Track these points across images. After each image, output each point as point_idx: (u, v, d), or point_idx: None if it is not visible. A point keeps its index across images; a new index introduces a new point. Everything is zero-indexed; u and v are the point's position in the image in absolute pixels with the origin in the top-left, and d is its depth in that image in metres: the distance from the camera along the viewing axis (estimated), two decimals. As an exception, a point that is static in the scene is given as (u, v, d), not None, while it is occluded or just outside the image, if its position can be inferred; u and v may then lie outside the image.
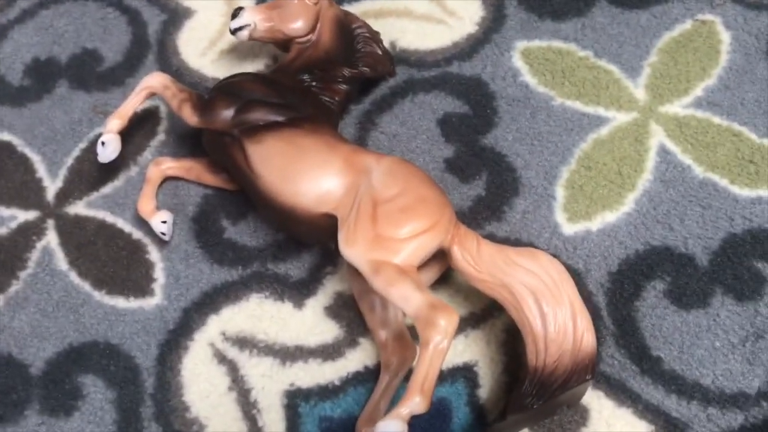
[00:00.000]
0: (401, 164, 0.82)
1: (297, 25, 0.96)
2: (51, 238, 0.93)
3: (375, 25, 1.04)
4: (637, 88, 0.97)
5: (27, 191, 0.97)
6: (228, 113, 0.87)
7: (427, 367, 0.69)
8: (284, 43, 0.98)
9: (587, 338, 0.74)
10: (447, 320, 0.70)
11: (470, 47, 1.03)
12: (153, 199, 0.93)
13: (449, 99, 0.99)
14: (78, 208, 0.95)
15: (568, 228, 0.88)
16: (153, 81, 0.93)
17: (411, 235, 0.76)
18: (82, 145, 0.99)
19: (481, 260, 0.78)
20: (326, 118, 0.91)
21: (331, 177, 0.82)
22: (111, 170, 0.96)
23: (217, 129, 0.87)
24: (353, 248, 0.77)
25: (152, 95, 0.93)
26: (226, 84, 0.91)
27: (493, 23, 1.04)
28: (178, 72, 1.04)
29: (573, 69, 0.99)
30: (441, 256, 0.81)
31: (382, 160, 0.83)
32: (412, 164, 0.83)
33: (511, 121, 0.96)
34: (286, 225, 0.87)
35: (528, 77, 0.99)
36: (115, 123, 0.91)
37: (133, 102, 0.93)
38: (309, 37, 0.96)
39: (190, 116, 0.90)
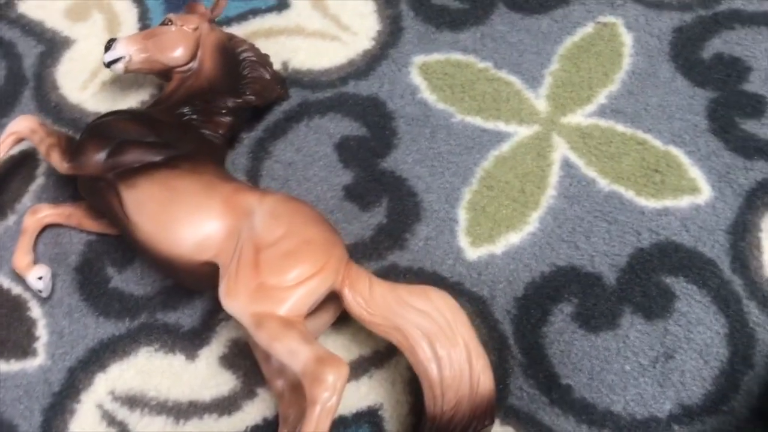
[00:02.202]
0: (284, 203, 0.77)
1: (175, 54, 0.91)
2: None
3: (265, 45, 0.99)
4: (538, 99, 0.94)
5: None
6: (100, 157, 0.81)
7: (314, 427, 0.65)
8: (165, 73, 0.93)
9: (484, 380, 0.71)
10: (335, 375, 0.66)
11: (366, 64, 0.98)
12: (29, 253, 0.87)
13: (346, 121, 0.94)
14: (-49, 265, 0.88)
15: (472, 253, 0.85)
16: (19, 126, 0.87)
17: (296, 282, 0.72)
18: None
19: (373, 302, 0.74)
20: (208, 154, 0.86)
21: (209, 222, 0.77)
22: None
23: (89, 174, 0.82)
24: (235, 300, 0.72)
25: (20, 140, 0.87)
26: (97, 125, 0.85)
27: (390, 37, 1.00)
28: (57, 108, 0.97)
29: (473, 82, 0.95)
30: (337, 297, 0.77)
31: (264, 199, 0.78)
32: (298, 201, 0.79)
33: (411, 142, 0.92)
34: (168, 273, 0.81)
35: (427, 94, 0.95)
36: None
37: (0, 151, 0.87)
38: (190, 65, 0.92)
39: (59, 163, 0.84)
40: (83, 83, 0.99)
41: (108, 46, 0.91)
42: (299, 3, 1.03)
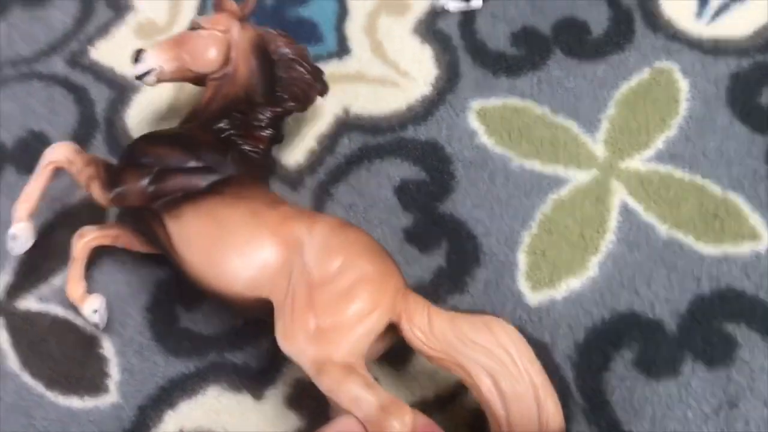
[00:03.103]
0: (335, 233, 0.77)
1: (207, 61, 0.90)
2: (2, 338, 0.90)
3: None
4: (596, 144, 0.95)
5: (-25, 287, 0.94)
6: (141, 187, 0.81)
7: None
8: (199, 81, 0.93)
9: (554, 418, 0.71)
10: (400, 422, 0.67)
11: (425, 109, 1.01)
12: (82, 281, 0.88)
13: (405, 165, 0.97)
14: (29, 303, 0.92)
15: (532, 297, 0.86)
16: (56, 154, 0.86)
17: (354, 322, 0.72)
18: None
19: (433, 336, 0.74)
20: (251, 174, 0.86)
21: (259, 258, 0.77)
22: (59, 259, 0.93)
23: (132, 206, 0.83)
24: (292, 344, 0.73)
25: (58, 170, 0.88)
26: (135, 151, 0.85)
27: (448, 83, 1.02)
28: (128, 151, 1.02)
29: (530, 127, 0.97)
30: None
31: (314, 228, 0.77)
32: (348, 228, 0.79)
33: (470, 186, 0.94)
34: (225, 305, 0.82)
35: (485, 138, 0.97)
36: (23, 209, 0.86)
37: (39, 182, 0.86)
38: (224, 71, 0.90)
39: (100, 195, 0.83)
40: (150, 126, 1.03)
41: (136, 58, 0.89)
42: (359, 49, 1.07)
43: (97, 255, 0.93)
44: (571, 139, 0.96)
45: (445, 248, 0.90)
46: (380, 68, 1.05)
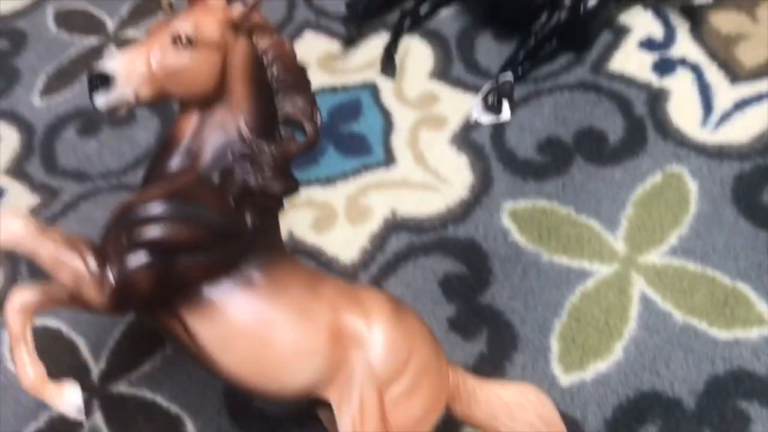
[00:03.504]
0: (395, 325, 0.76)
1: (196, 86, 0.73)
2: (97, 418, 1.02)
3: (376, 195, 1.16)
4: (616, 240, 1.07)
5: (74, 374, 1.07)
6: (153, 291, 0.68)
7: None
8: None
9: None
10: None
11: (463, 211, 1.14)
12: (39, 363, 0.70)
13: (447, 261, 1.09)
14: (121, 388, 1.04)
15: (565, 379, 0.97)
16: (5, 232, 0.66)
17: (423, 417, 0.78)
18: (122, 327, 1.10)
19: (476, 406, 0.82)
20: (275, 243, 0.77)
21: (315, 360, 0.73)
22: (148, 349, 1.07)
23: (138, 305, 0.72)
24: None
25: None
26: (140, 237, 0.68)
27: (482, 187, 1.16)
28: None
29: (557, 226, 1.10)
30: None
31: (372, 322, 0.75)
32: (402, 314, 0.79)
33: (506, 279, 1.06)
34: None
35: (517, 236, 1.10)
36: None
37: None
38: (215, 95, 0.74)
39: (94, 296, 0.67)
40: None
41: (97, 82, 0.69)
42: (404, 159, 1.21)
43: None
44: (594, 236, 1.08)
45: (486, 336, 1.02)
46: (422, 175, 1.20)
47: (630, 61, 1.27)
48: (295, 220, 1.16)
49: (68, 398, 0.71)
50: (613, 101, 1.22)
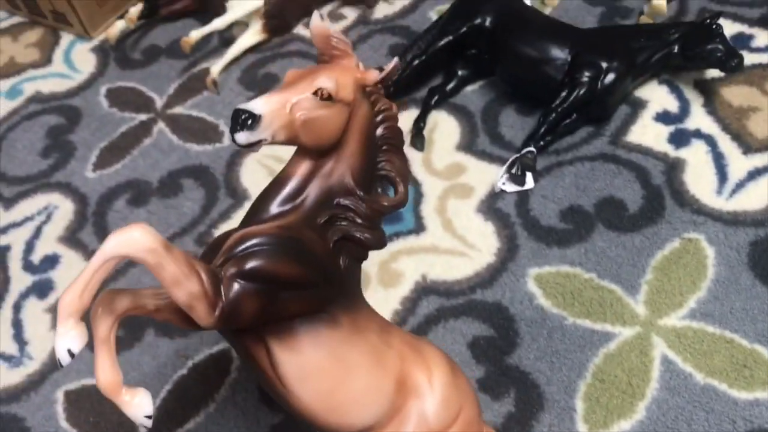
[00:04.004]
0: (451, 384, 0.84)
1: (324, 138, 0.78)
2: (145, 473, 1.08)
3: (407, 260, 1.23)
4: (637, 304, 1.12)
5: (123, 429, 1.13)
6: (255, 313, 0.72)
7: None
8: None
9: None
10: None
11: (490, 276, 1.20)
12: (117, 369, 0.73)
13: (476, 324, 1.15)
14: (166, 445, 1.11)
15: (590, 438, 1.01)
16: (128, 243, 0.68)
17: None
18: (168, 387, 1.16)
19: None
20: (358, 290, 0.83)
21: (381, 403, 0.81)
22: (194, 406, 1.13)
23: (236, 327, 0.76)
24: None
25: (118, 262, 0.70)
26: (247, 263, 0.72)
27: (508, 253, 1.22)
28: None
29: (581, 290, 1.15)
30: None
31: (433, 379, 0.83)
32: (457, 373, 0.86)
33: (532, 341, 1.11)
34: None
35: (542, 300, 1.15)
36: (73, 305, 0.68)
37: (99, 275, 0.68)
38: (335, 148, 0.80)
39: (204, 316, 0.70)
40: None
41: (243, 120, 0.73)
42: (433, 226, 1.28)
43: (210, 398, 1.12)
44: (616, 300, 1.13)
45: (513, 396, 1.06)
46: (451, 242, 1.26)
47: (647, 133, 1.34)
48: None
49: (139, 406, 0.75)
50: (632, 171, 1.29)
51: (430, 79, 1.49)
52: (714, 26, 1.32)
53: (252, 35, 1.61)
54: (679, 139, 1.32)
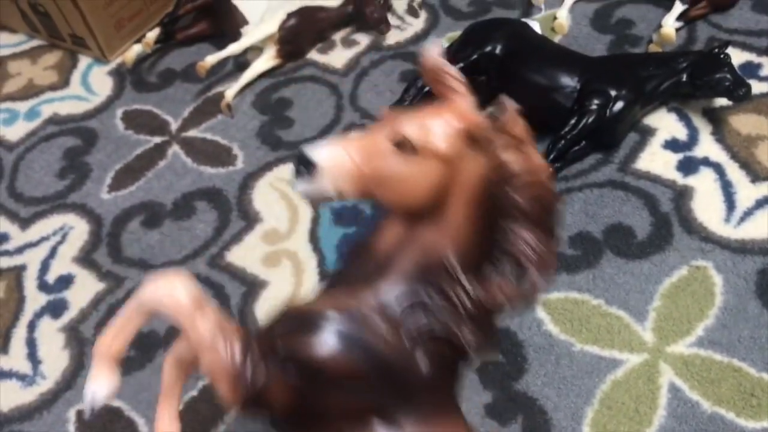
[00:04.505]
0: None
1: (407, 199, 0.64)
2: (154, 494, 1.09)
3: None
4: (645, 331, 1.13)
5: (134, 452, 1.15)
6: (285, 399, 0.64)
7: None
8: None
9: None
10: None
11: (499, 301, 1.21)
12: (177, 421, 0.74)
13: (484, 349, 1.16)
14: (176, 466, 1.12)
15: (597, 465, 1.01)
16: (165, 300, 0.65)
17: None
18: (180, 407, 1.17)
19: None
20: (443, 402, 0.68)
21: None
22: (203, 429, 1.14)
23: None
24: None
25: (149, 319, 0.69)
26: (291, 340, 0.64)
27: (517, 279, 1.23)
28: (256, 337, 1.24)
29: (588, 317, 1.16)
30: None
31: None
32: None
33: (539, 367, 1.12)
34: None
35: (551, 326, 1.16)
36: (103, 358, 0.67)
37: (133, 323, 0.67)
38: (429, 213, 0.64)
39: (227, 393, 0.64)
40: (275, 317, 1.26)
41: (300, 166, 0.63)
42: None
43: (220, 419, 1.12)
44: (624, 327, 1.14)
45: (521, 422, 1.07)
46: (460, 267, 1.27)
47: (655, 160, 1.36)
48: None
49: None
50: (640, 198, 1.30)
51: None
52: (722, 55, 1.33)
53: (266, 60, 1.64)
54: (688, 166, 1.33)
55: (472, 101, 0.66)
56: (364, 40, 1.71)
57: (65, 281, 1.35)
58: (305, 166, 0.62)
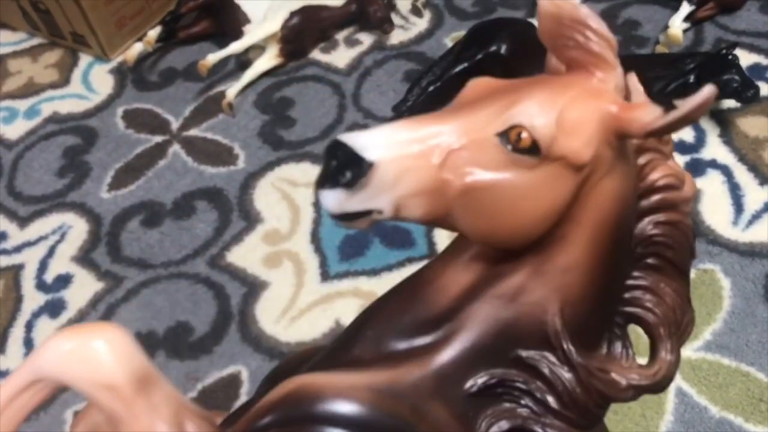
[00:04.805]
0: None
1: (511, 219, 0.43)
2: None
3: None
4: (651, 335, 1.11)
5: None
6: None
7: None
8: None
9: None
10: None
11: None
12: None
13: (488, 352, 1.14)
14: (174, 468, 1.10)
15: (603, 471, 0.99)
16: (91, 368, 0.45)
17: None
18: (177, 409, 1.16)
19: None
20: None
21: None
22: None
23: None
24: None
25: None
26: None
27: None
28: (256, 338, 1.22)
29: (594, 320, 1.14)
30: None
31: None
32: None
33: (544, 371, 1.10)
34: None
35: (555, 329, 1.15)
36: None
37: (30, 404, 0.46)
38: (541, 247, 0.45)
39: None
40: (276, 318, 1.24)
41: (339, 167, 0.41)
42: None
43: None
44: (630, 329, 1.12)
45: (525, 425, 1.05)
46: (464, 268, 1.26)
47: (662, 162, 1.34)
48: (342, 310, 1.22)
49: None
50: (647, 200, 1.28)
51: (445, 105, 1.49)
52: (730, 57, 1.32)
53: (268, 59, 1.63)
54: (695, 169, 1.32)
55: (623, 78, 0.45)
56: (367, 39, 1.70)
57: (64, 281, 1.33)
58: (349, 167, 0.39)
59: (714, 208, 1.26)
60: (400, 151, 0.41)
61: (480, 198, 0.41)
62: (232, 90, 1.58)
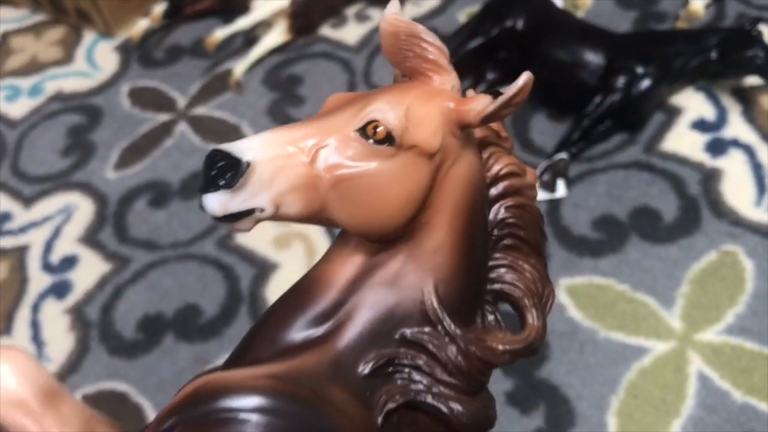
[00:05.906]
0: None
1: (378, 208, 0.47)
2: (162, 482, 1.05)
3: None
4: (672, 317, 1.09)
5: (140, 438, 1.11)
6: None
7: None
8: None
9: None
10: None
11: (519, 286, 1.17)
12: None
13: (505, 335, 1.12)
14: (184, 452, 1.08)
15: (623, 457, 0.97)
16: None
17: None
18: (187, 393, 1.14)
19: None
20: None
21: None
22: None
23: None
24: None
25: None
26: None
27: (538, 262, 1.19)
28: (267, 321, 1.20)
29: (613, 302, 1.11)
30: None
31: None
32: None
33: (562, 354, 1.08)
34: None
35: (574, 312, 1.12)
36: None
37: None
38: (404, 233, 0.49)
39: None
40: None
41: (219, 171, 0.44)
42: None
43: None
44: (650, 313, 1.09)
45: (543, 410, 1.03)
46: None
47: (682, 141, 1.30)
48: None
49: None
50: (667, 180, 1.25)
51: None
52: (753, 32, 1.28)
53: (276, 35, 1.59)
54: (716, 147, 1.28)
55: (455, 79, 0.50)
56: (378, 15, 1.66)
57: (70, 262, 1.31)
58: (227, 170, 0.43)
59: (736, 188, 1.22)
60: (274, 152, 0.46)
61: (349, 188, 0.46)
62: (239, 67, 1.54)
